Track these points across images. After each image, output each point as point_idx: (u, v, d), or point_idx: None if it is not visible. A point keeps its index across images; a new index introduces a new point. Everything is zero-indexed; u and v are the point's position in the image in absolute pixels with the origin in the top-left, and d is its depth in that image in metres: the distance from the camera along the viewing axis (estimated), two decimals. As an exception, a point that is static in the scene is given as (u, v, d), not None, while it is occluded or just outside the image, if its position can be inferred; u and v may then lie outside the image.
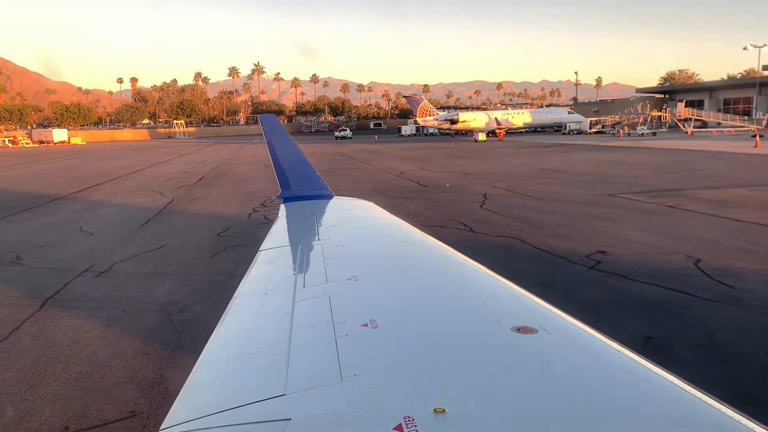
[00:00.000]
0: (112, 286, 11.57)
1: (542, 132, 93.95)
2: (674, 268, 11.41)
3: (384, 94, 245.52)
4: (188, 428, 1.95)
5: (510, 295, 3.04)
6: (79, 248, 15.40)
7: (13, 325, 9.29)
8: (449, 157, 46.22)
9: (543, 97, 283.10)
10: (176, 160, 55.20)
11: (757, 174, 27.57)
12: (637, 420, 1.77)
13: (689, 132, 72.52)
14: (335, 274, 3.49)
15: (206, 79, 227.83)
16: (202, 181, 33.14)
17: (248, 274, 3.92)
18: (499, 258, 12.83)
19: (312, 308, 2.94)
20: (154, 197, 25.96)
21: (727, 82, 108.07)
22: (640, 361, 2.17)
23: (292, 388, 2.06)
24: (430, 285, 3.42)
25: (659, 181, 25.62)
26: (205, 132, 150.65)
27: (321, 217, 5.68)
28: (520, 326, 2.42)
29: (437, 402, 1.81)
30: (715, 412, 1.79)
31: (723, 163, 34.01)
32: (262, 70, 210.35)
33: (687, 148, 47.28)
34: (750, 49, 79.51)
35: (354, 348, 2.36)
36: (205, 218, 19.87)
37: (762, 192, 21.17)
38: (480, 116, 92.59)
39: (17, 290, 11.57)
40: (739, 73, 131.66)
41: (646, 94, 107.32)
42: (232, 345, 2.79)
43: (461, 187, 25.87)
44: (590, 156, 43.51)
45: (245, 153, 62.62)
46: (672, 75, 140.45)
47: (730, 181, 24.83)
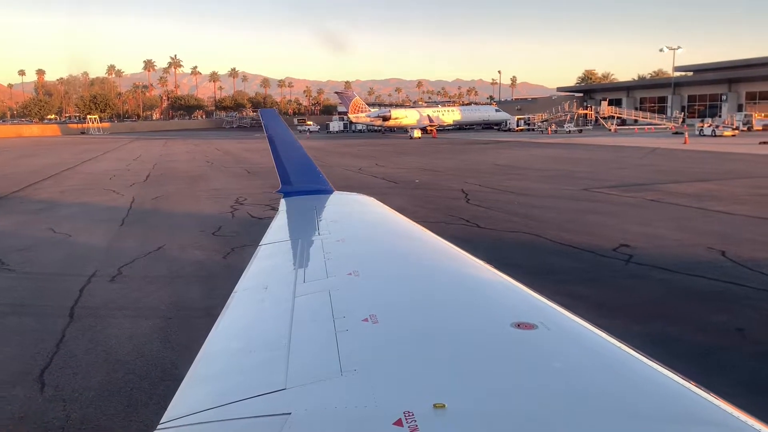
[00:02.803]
0: (137, 291, 10.68)
1: (470, 129, 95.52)
2: (706, 259, 11.72)
3: (305, 90, 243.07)
4: (189, 422, 1.95)
5: (510, 290, 3.03)
6: (65, 251, 14.19)
7: (55, 339, 8.36)
8: (396, 154, 46.14)
9: (461, 96, 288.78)
10: (105, 157, 52.37)
11: (705, 169, 28.98)
12: (636, 416, 1.76)
13: (612, 129, 75.77)
14: (335, 269, 3.48)
15: (120, 72, 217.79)
16: (151, 179, 31.49)
17: (248, 268, 3.91)
18: (526, 254, 12.81)
19: (312, 303, 2.94)
20: (110, 196, 24.45)
21: (643, 81, 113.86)
22: (639, 357, 2.16)
23: (293, 383, 2.06)
24: (431, 280, 3.40)
25: (620, 177, 26.48)
26: (120, 128, 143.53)
27: (321, 212, 5.60)
28: (520, 322, 2.42)
29: (437, 397, 1.81)
30: (715, 408, 1.79)
31: (665, 159, 35.61)
32: (179, 63, 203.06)
33: (622, 145, 49.26)
34: (665, 50, 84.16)
35: (354, 343, 2.36)
36: (185, 218, 18.86)
37: (726, 186, 22.24)
38: (412, 113, 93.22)
39: (29, 300, 10.47)
40: (648, 74, 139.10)
41: (566, 93, 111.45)
42: (232, 339, 2.80)
43: (432, 184, 25.80)
44: (534, 152, 44.57)
45: (177, 150, 60.21)
46: (589, 74, 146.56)
47: (687, 176, 25.98)
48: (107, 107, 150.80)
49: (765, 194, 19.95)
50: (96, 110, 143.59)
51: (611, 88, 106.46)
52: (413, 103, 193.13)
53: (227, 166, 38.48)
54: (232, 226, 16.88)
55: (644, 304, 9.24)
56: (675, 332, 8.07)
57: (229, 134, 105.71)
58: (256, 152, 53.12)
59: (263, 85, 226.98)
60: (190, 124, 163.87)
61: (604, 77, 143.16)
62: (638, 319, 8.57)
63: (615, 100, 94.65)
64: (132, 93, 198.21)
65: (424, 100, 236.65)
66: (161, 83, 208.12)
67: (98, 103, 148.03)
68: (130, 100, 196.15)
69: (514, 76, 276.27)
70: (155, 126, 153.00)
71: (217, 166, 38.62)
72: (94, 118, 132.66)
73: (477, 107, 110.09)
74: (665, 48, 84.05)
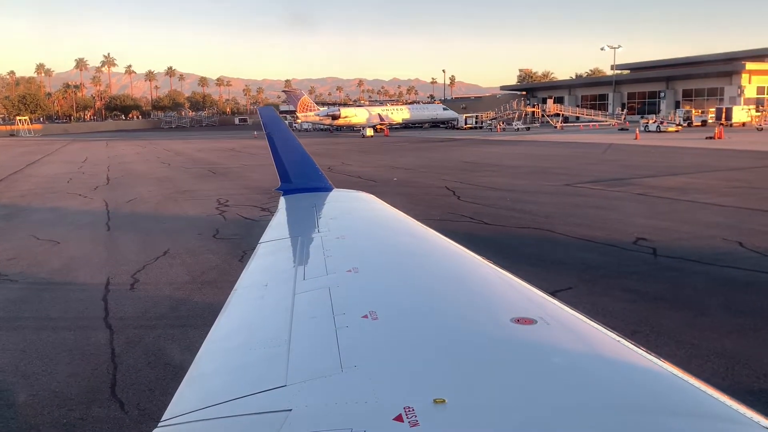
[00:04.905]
0: (167, 299, 10.09)
1: (419, 128, 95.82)
2: (729, 250, 11.99)
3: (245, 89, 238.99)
4: (189, 419, 1.96)
5: (509, 286, 3.07)
6: (61, 259, 13.34)
7: (106, 353, 7.76)
8: (358, 153, 45.75)
9: (401, 95, 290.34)
10: (48, 160, 50.01)
11: (670, 163, 29.81)
12: (636, 410, 1.78)
13: (558, 127, 77.52)
14: (335, 266, 3.47)
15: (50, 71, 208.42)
16: (113, 182, 30.19)
17: (248, 266, 3.91)
18: (551, 249, 12.85)
19: (312, 300, 2.95)
20: (78, 200, 23.30)
21: (585, 80, 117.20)
22: (638, 351, 2.18)
23: (293, 379, 2.06)
24: (430, 277, 3.43)
25: (593, 172, 26.94)
26: (53, 129, 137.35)
27: (321, 210, 5.60)
28: (520, 317, 2.44)
29: (437, 392, 1.82)
30: (715, 402, 1.81)
31: (626, 154, 36.56)
32: (113, 62, 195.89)
33: (577, 141, 50.44)
34: (606, 49, 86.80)
35: (354, 339, 2.37)
36: (174, 221, 18.06)
37: (700, 179, 22.97)
38: (361, 112, 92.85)
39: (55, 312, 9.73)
40: (585, 72, 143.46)
41: (509, 91, 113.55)
42: (232, 337, 2.81)
43: (411, 182, 25.64)
44: (494, 150, 45.04)
45: (123, 152, 57.96)
46: (528, 73, 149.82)
47: (657, 170, 26.68)
48: (38, 108, 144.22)
49: (741, 186, 20.70)
50: (26, 111, 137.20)
51: (553, 87, 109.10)
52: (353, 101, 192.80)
53: (187, 167, 37.30)
54: (230, 228, 16.28)
55: (708, 297, 9.26)
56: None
57: (169, 135, 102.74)
58: (209, 152, 51.89)
59: (201, 83, 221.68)
60: (127, 124, 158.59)
61: (545, 76, 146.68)
62: (723, 313, 8.62)
63: (557, 98, 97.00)
64: (63, 93, 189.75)
65: (366, 99, 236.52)
66: (94, 83, 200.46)
67: (27, 104, 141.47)
68: (60, 100, 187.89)
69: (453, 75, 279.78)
70: (90, 127, 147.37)
71: (176, 168, 37.37)
72: (24, 119, 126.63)
73: (425, 106, 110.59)
74: (606, 47, 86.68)
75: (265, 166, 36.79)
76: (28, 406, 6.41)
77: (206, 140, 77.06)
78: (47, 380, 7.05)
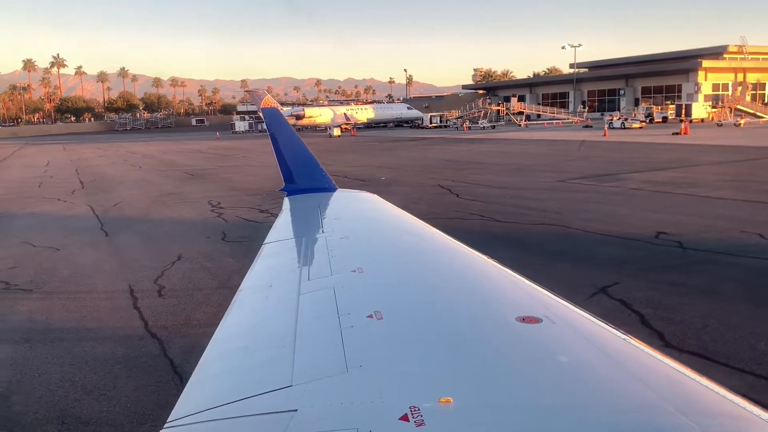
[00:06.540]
0: (204, 305, 9.67)
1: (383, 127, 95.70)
2: (753, 242, 12.15)
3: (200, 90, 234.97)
4: (195, 420, 1.96)
5: (514, 285, 3.09)
6: (69, 267, 12.72)
7: (164, 365, 7.35)
8: (333, 153, 45.26)
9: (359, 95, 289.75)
10: (6, 164, 48.31)
11: (651, 158, 30.43)
12: (643, 408, 1.79)
13: (522, 124, 78.63)
14: (340, 267, 3.49)
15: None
16: (88, 185, 29.14)
17: (253, 267, 3.91)
18: (570, 245, 12.82)
19: (317, 300, 2.96)
20: (59, 205, 22.41)
21: (546, 78, 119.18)
22: (644, 349, 2.21)
23: (298, 380, 2.07)
24: (435, 276, 3.45)
25: (578, 168, 27.20)
26: (1, 132, 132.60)
27: (325, 210, 5.63)
28: (525, 316, 2.45)
29: (443, 392, 1.83)
30: (720, 399, 1.83)
31: (602, 150, 37.11)
32: (63, 63, 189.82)
33: (548, 139, 51.10)
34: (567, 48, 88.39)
35: (359, 339, 2.38)
36: (173, 224, 17.49)
37: (688, 174, 23.48)
38: (326, 112, 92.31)
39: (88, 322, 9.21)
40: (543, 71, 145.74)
41: (471, 90, 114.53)
42: (238, 337, 2.81)
43: (402, 181, 25.45)
44: (469, 148, 45.23)
45: (85, 155, 56.16)
46: (488, 72, 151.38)
47: (641, 165, 27.18)
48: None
49: (733, 180, 21.24)
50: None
51: (514, 85, 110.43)
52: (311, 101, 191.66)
53: (160, 170, 36.32)
54: (237, 231, 15.80)
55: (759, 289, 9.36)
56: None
57: (126, 137, 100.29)
58: (176, 154, 50.79)
59: (155, 84, 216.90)
60: (79, 127, 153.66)
61: (504, 75, 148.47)
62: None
63: (519, 97, 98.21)
64: (9, 95, 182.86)
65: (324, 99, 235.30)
66: (43, 84, 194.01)
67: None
68: (6, 102, 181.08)
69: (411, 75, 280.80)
70: (41, 130, 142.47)
71: (149, 170, 36.35)
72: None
73: (389, 105, 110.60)
74: (567, 45, 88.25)
75: (242, 167, 36.24)
76: (106, 425, 5.99)
77: (167, 142, 75.30)
78: (114, 394, 6.62)
